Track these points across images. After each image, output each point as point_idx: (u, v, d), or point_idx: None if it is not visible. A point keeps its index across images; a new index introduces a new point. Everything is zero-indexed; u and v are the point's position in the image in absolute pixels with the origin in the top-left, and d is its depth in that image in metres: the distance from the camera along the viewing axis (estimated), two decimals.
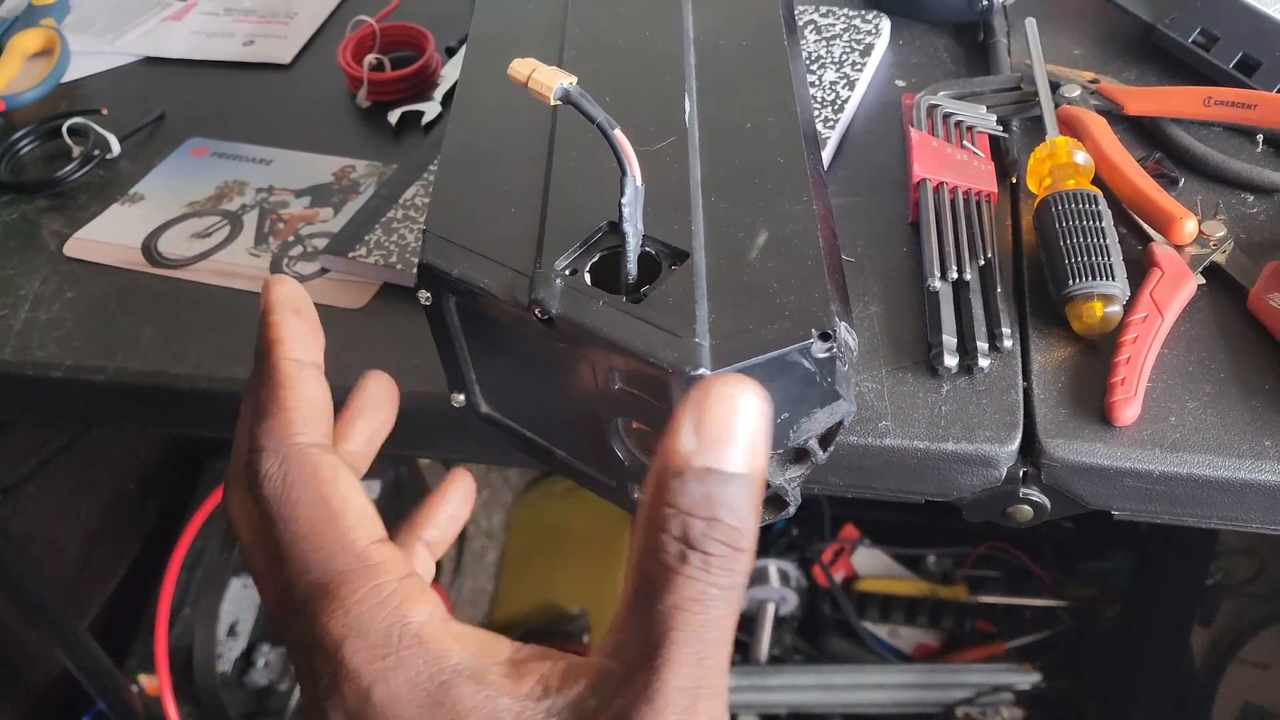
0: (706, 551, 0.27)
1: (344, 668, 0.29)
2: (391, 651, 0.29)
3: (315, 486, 0.32)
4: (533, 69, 0.37)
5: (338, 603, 0.30)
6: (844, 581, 1.21)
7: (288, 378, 0.34)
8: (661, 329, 0.36)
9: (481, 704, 0.29)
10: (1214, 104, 0.57)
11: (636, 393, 0.37)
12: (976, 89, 0.62)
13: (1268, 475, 0.44)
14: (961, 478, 0.47)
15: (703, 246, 0.39)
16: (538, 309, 0.37)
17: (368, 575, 0.31)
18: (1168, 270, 0.50)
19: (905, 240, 0.55)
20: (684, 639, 0.27)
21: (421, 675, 0.29)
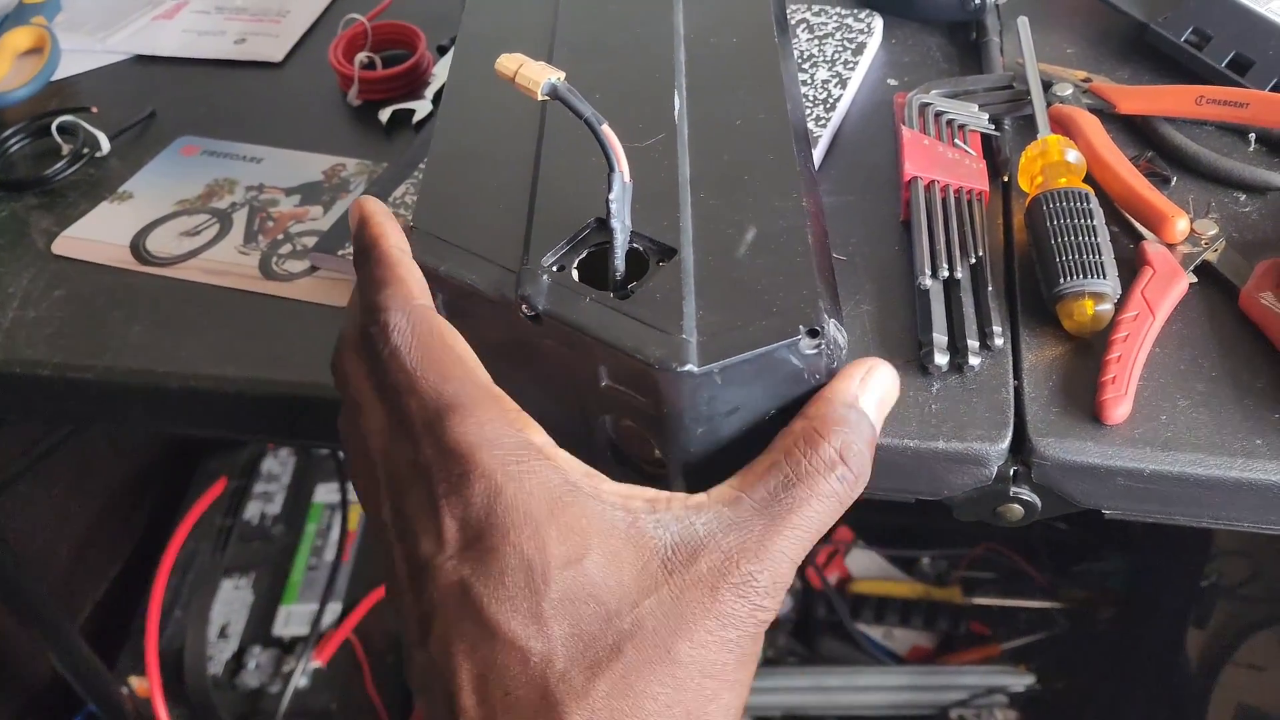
0: (848, 466, 0.35)
1: (478, 468, 0.32)
2: (525, 459, 0.33)
3: (440, 335, 0.36)
4: (520, 64, 0.37)
5: (472, 417, 0.33)
6: (838, 583, 1.21)
7: (397, 261, 0.38)
8: (649, 325, 0.36)
9: (600, 513, 0.32)
10: (1206, 103, 0.57)
11: (624, 389, 0.37)
12: (969, 87, 0.61)
13: (1259, 474, 0.44)
14: (952, 476, 0.47)
15: (691, 243, 0.39)
16: (524, 305, 0.37)
17: (495, 401, 0.34)
18: (1159, 269, 0.50)
19: (897, 239, 0.55)
20: (805, 521, 0.34)
21: (552, 481, 0.32)
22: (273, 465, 1.19)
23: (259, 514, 1.17)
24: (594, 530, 0.32)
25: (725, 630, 0.32)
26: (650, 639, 0.31)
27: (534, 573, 0.31)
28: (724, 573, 0.32)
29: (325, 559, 1.13)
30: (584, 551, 0.32)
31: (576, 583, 0.31)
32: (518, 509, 0.32)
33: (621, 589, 0.31)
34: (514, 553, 0.31)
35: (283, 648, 1.06)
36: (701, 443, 0.37)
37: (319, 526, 1.16)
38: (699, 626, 0.31)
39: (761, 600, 0.33)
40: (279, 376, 0.53)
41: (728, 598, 0.32)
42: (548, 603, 0.31)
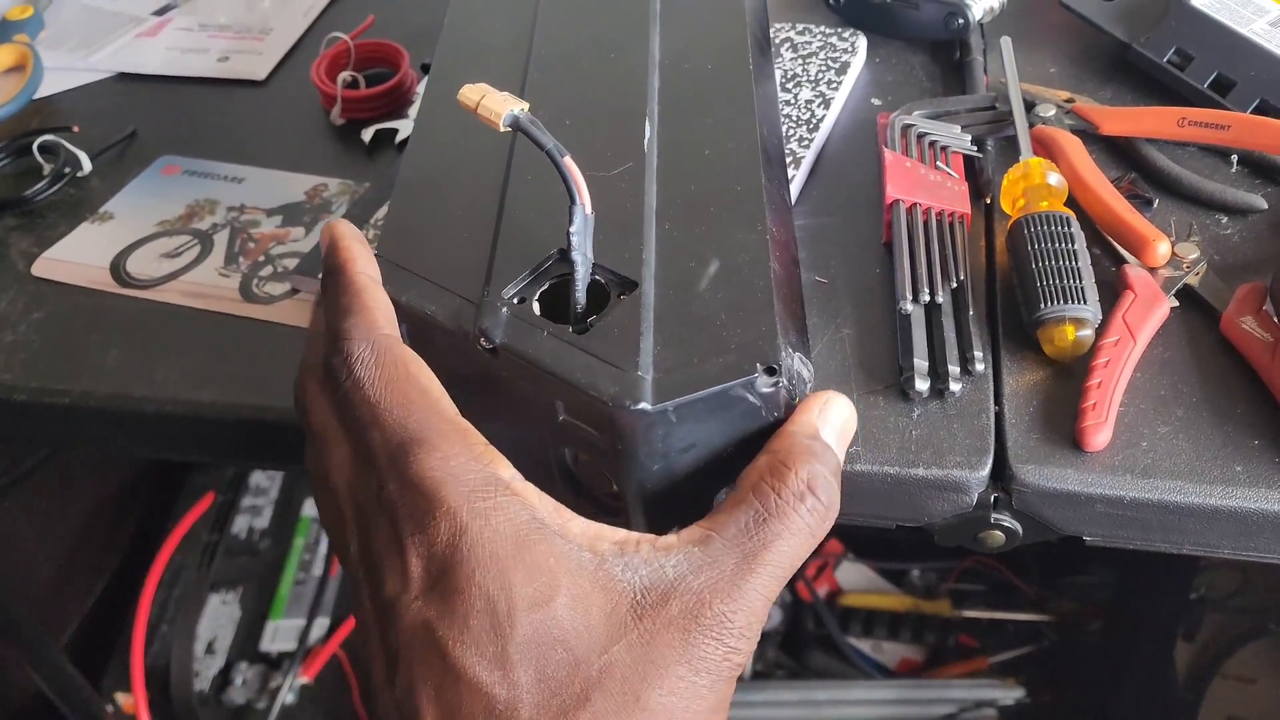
0: (818, 497, 0.35)
1: (443, 505, 0.32)
2: (491, 495, 0.32)
3: (404, 366, 0.35)
4: (482, 95, 0.37)
5: (437, 451, 0.33)
6: (828, 596, 1.21)
7: (364, 287, 0.38)
8: (605, 361, 0.36)
9: (568, 553, 0.32)
10: (1188, 124, 0.57)
11: (580, 425, 0.37)
12: (951, 108, 0.61)
13: (1238, 501, 0.44)
14: (932, 503, 0.47)
15: (653, 276, 0.39)
16: (482, 338, 0.37)
17: (461, 434, 0.34)
18: (1140, 293, 0.50)
19: (879, 261, 0.55)
20: (777, 557, 0.33)
21: (519, 519, 0.32)
22: (260, 479, 1.19)
23: (246, 528, 1.16)
24: (561, 570, 0.32)
25: (698, 676, 0.31)
26: (619, 686, 0.30)
27: (499, 615, 0.30)
28: (696, 614, 0.31)
29: (313, 573, 1.13)
30: (551, 593, 0.31)
31: (543, 626, 0.31)
32: (482, 547, 0.31)
33: (590, 634, 0.31)
34: (479, 593, 0.31)
35: (270, 663, 1.06)
36: (658, 478, 0.37)
37: (307, 541, 1.16)
38: (670, 673, 0.31)
39: (736, 642, 0.32)
40: (258, 401, 0.52)
41: (700, 640, 0.31)
42: (513, 646, 0.30)
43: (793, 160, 0.60)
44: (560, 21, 0.52)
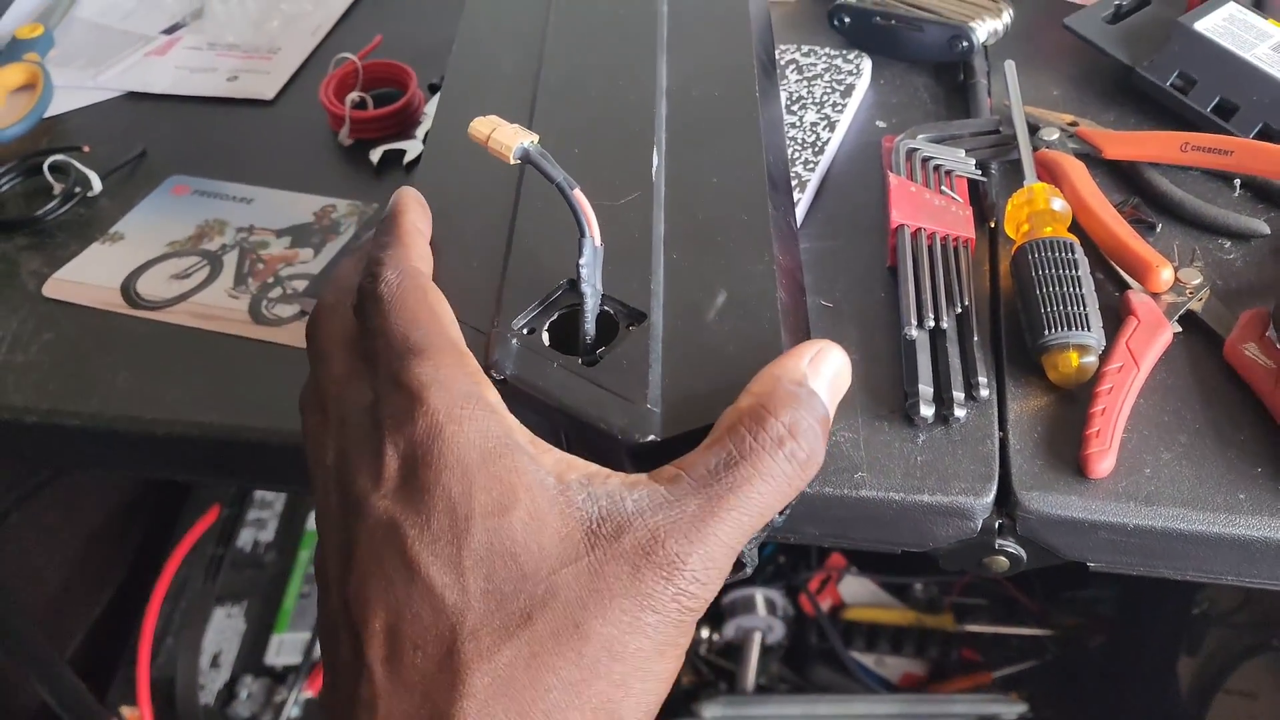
0: (799, 443, 0.33)
1: (425, 405, 0.32)
2: (471, 407, 0.33)
3: (424, 294, 0.36)
4: (493, 128, 0.38)
5: (431, 360, 0.34)
6: (831, 610, 1.21)
7: (408, 232, 0.40)
8: (614, 394, 0.36)
9: (531, 472, 0.32)
10: (1191, 149, 0.58)
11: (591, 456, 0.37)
12: (956, 132, 0.62)
13: (1241, 529, 0.44)
14: (937, 529, 0.47)
15: (661, 307, 0.39)
16: (493, 370, 0.37)
17: (458, 354, 0.35)
18: (1144, 319, 0.50)
19: (884, 285, 0.56)
20: (745, 503, 0.32)
21: (492, 432, 0.32)
22: (265, 493, 1.19)
23: (252, 541, 1.17)
24: (522, 486, 0.31)
25: (642, 612, 0.31)
26: (561, 610, 0.30)
27: (458, 518, 0.31)
28: (648, 550, 0.31)
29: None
30: (509, 505, 0.31)
31: (498, 536, 0.31)
32: (453, 451, 0.31)
33: (540, 553, 0.31)
34: (443, 494, 0.31)
35: (275, 677, 1.06)
36: None
37: (312, 554, 1.16)
38: (614, 604, 0.30)
39: (686, 585, 0.31)
40: (267, 424, 0.53)
41: (648, 577, 0.31)
42: (468, 552, 0.30)
43: (798, 184, 0.60)
44: (568, 46, 0.53)
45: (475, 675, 0.29)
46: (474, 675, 0.29)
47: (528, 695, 0.29)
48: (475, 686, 0.29)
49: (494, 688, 0.29)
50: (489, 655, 0.29)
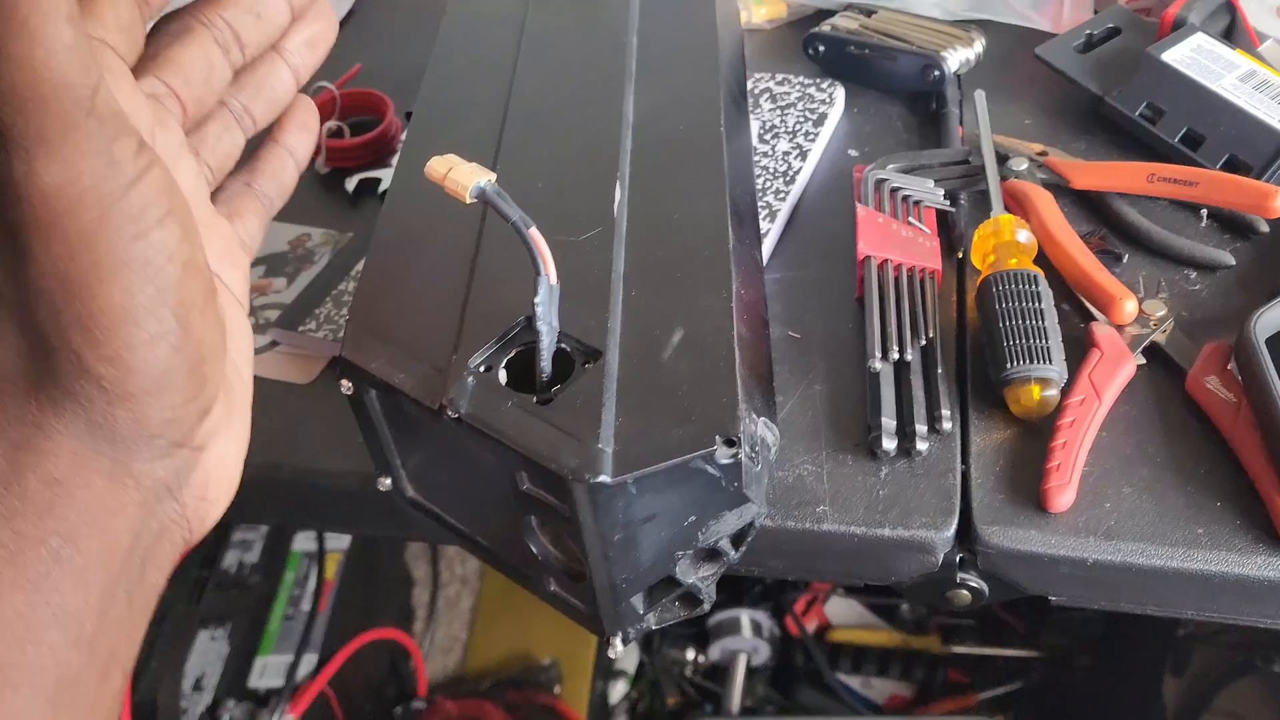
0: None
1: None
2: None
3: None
4: (449, 167, 0.38)
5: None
6: (817, 631, 1.21)
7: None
8: (567, 433, 0.36)
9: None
10: (1157, 180, 0.58)
11: (543, 494, 0.37)
12: (925, 162, 0.62)
13: (1200, 564, 0.44)
14: (899, 563, 0.47)
15: (617, 344, 0.39)
16: (448, 408, 0.37)
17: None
18: (1107, 351, 0.51)
19: (852, 315, 0.56)
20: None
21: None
22: None
23: (236, 562, 1.17)
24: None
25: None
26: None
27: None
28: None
29: (302, 609, 1.13)
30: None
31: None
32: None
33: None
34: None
35: (258, 701, 1.06)
36: (620, 547, 0.38)
37: (297, 575, 1.16)
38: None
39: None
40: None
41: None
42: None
43: (768, 213, 0.60)
44: (537, 77, 0.53)
45: None
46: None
47: None
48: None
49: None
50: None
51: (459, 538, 0.46)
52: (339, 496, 0.52)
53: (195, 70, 0.38)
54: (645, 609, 0.42)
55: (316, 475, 0.52)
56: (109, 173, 0.28)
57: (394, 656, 1.21)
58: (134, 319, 0.29)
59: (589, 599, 0.41)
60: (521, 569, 0.44)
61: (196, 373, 0.32)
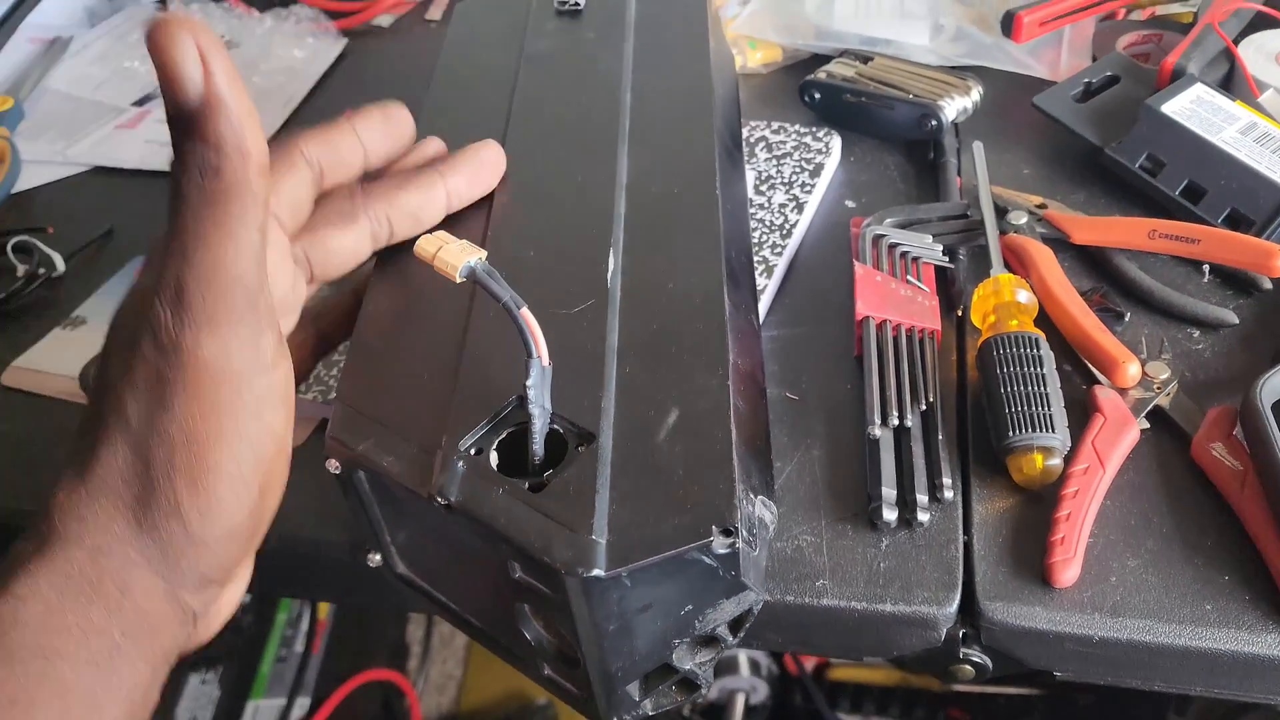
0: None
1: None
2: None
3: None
4: (439, 246, 0.37)
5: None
6: (815, 670, 1.20)
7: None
8: (559, 523, 0.35)
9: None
10: (1159, 236, 0.57)
11: (536, 584, 0.36)
12: (924, 216, 0.61)
13: (1208, 642, 0.43)
14: (901, 638, 0.46)
15: (611, 426, 0.38)
16: (438, 495, 0.36)
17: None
18: (1110, 416, 0.50)
19: (850, 375, 0.55)
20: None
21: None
22: None
23: None
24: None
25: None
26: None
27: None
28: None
29: (295, 650, 1.12)
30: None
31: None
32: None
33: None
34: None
35: None
36: (615, 636, 0.37)
37: (289, 617, 1.15)
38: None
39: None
40: None
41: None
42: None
43: (764, 269, 0.60)
44: (530, 136, 0.52)
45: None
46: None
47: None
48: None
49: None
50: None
51: (450, 616, 0.45)
52: (328, 567, 0.51)
53: (340, 254, 0.44)
54: (642, 695, 0.40)
55: (305, 545, 0.51)
56: (254, 360, 0.34)
57: (388, 695, 1.19)
58: (230, 482, 0.34)
59: (584, 685, 0.40)
60: (515, 651, 0.43)
61: (255, 534, 0.37)
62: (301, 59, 0.85)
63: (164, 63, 0.31)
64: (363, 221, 0.43)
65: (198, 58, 0.31)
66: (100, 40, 0.90)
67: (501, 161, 0.48)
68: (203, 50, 0.31)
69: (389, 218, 0.44)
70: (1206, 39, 0.68)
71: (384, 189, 0.44)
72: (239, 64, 0.85)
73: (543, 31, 0.60)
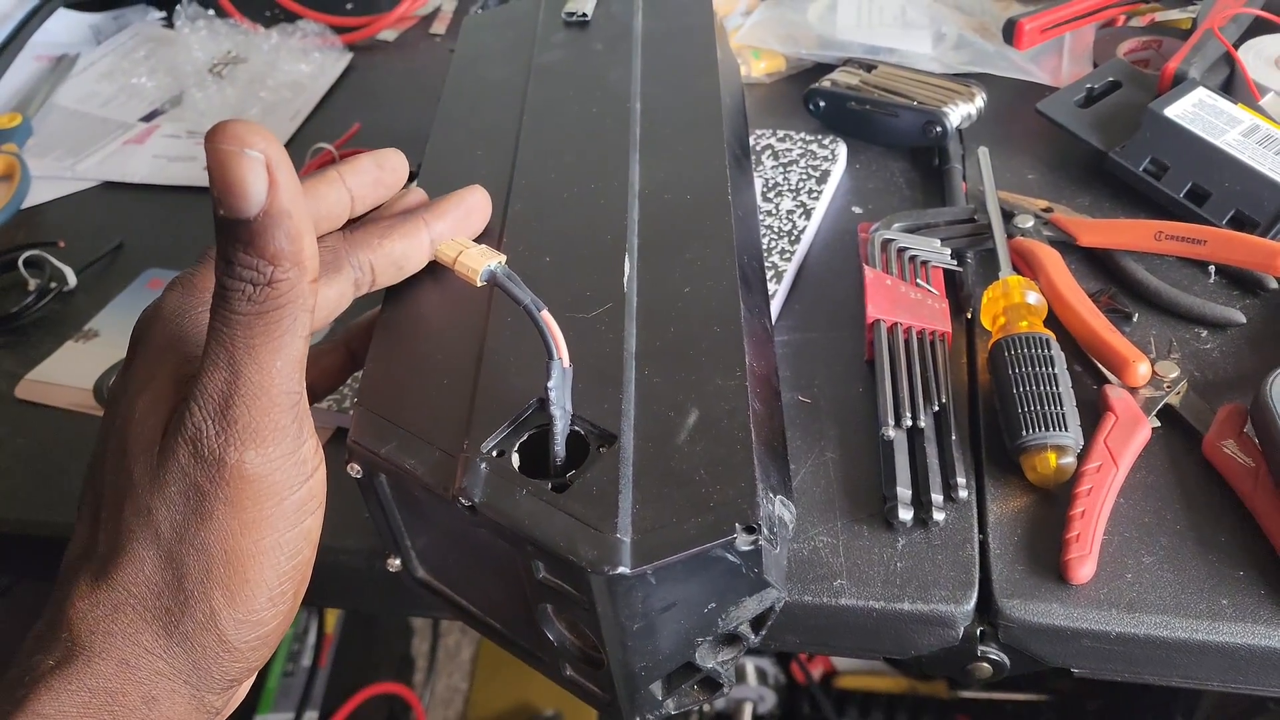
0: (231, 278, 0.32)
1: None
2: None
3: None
4: (459, 251, 0.38)
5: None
6: (823, 678, 1.20)
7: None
8: (583, 522, 0.35)
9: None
10: (1165, 238, 0.58)
11: (560, 584, 0.37)
12: (931, 220, 0.62)
13: (1225, 636, 0.44)
14: (919, 637, 0.46)
15: (632, 427, 0.38)
16: (461, 496, 0.37)
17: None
18: (1121, 415, 0.50)
19: (862, 378, 0.55)
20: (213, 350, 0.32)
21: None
22: None
23: None
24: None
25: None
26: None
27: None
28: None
29: (302, 664, 1.11)
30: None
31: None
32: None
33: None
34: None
35: None
36: (639, 636, 0.37)
37: (296, 630, 1.14)
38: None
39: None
40: None
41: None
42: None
43: (774, 275, 0.60)
44: (542, 148, 0.53)
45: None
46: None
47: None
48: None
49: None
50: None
51: (470, 619, 0.45)
52: (344, 575, 0.51)
53: (324, 306, 0.42)
54: (664, 695, 0.41)
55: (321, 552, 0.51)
56: (296, 470, 0.34)
57: (394, 709, 1.19)
58: (268, 592, 0.34)
59: (606, 686, 0.40)
60: (536, 653, 0.43)
61: (284, 631, 0.36)
62: (308, 73, 0.86)
63: (225, 175, 0.30)
64: (346, 271, 0.42)
65: (263, 170, 0.30)
66: (106, 57, 0.91)
67: (487, 206, 0.47)
68: (270, 163, 0.30)
69: (372, 265, 0.42)
70: (1206, 44, 0.68)
71: (367, 237, 0.42)
72: (245, 80, 0.85)
73: (551, 43, 0.60)
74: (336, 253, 0.42)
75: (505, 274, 0.38)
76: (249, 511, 0.33)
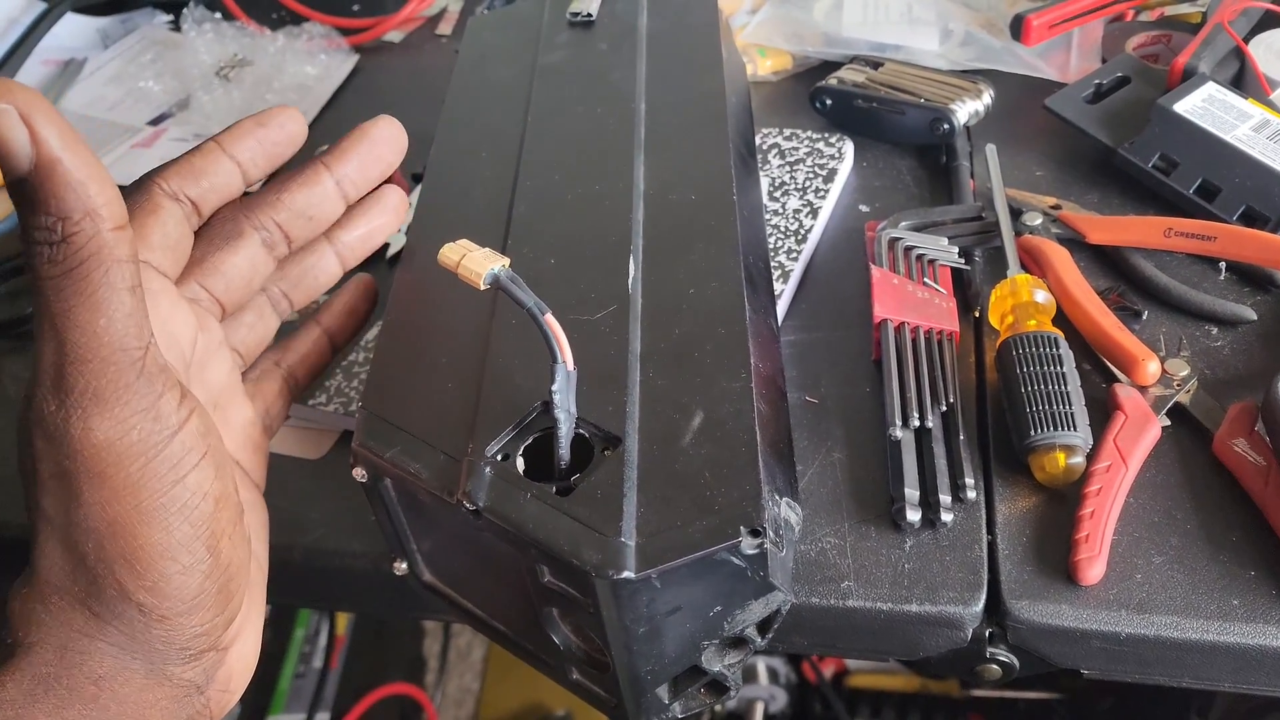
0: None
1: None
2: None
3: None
4: (462, 255, 0.37)
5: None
6: (834, 677, 1.19)
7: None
8: (588, 526, 0.35)
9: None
10: (1175, 235, 0.57)
11: (565, 588, 0.37)
12: (938, 218, 0.62)
13: (1236, 637, 0.43)
14: (927, 639, 0.46)
15: (636, 430, 0.38)
16: (466, 500, 0.37)
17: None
18: (1131, 414, 0.50)
19: (869, 378, 0.55)
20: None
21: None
22: None
23: None
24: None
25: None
26: None
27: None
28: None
29: (313, 666, 1.12)
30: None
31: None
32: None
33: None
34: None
35: None
36: (644, 639, 0.37)
37: (307, 632, 1.15)
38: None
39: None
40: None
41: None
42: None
43: (781, 274, 0.60)
44: (546, 149, 0.53)
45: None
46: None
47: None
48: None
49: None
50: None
51: (476, 623, 0.45)
52: (351, 578, 0.51)
53: (238, 275, 0.41)
54: (670, 698, 0.41)
55: (327, 556, 0.51)
56: (154, 427, 0.32)
57: (406, 710, 1.19)
58: (170, 554, 0.32)
59: (612, 689, 0.40)
60: (542, 656, 0.43)
61: (224, 590, 0.35)
62: (314, 76, 0.86)
63: None
64: (250, 234, 0.41)
65: (18, 121, 0.28)
66: (114, 61, 0.91)
67: (398, 136, 0.44)
68: (24, 112, 0.28)
69: (278, 223, 0.41)
70: (1216, 38, 0.68)
71: (264, 195, 0.41)
72: (252, 82, 0.86)
73: (555, 44, 0.60)
74: (235, 220, 0.41)
75: (509, 277, 0.38)
76: (114, 478, 0.31)
